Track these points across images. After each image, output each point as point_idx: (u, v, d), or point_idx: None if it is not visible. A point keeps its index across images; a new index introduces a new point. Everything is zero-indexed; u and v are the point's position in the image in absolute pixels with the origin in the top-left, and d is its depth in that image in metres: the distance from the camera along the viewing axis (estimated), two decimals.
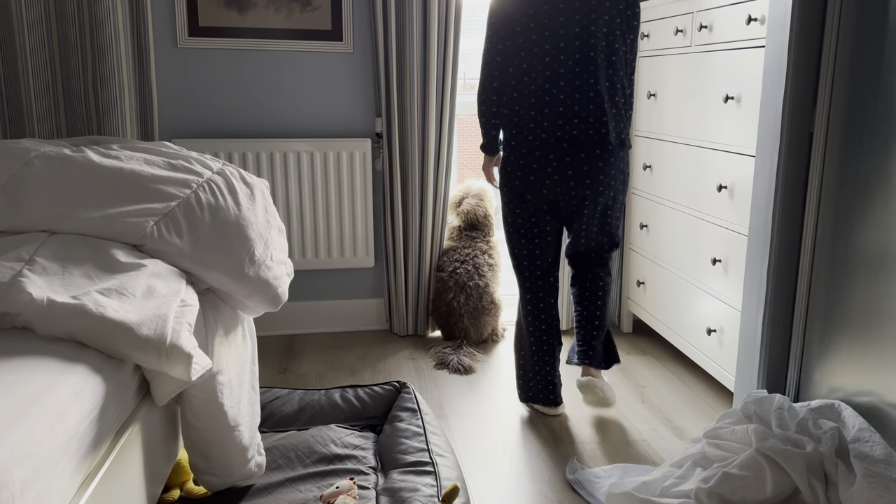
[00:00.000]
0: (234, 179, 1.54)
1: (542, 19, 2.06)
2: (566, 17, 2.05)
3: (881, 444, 1.52)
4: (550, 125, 2.07)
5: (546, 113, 2.08)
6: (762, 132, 1.90)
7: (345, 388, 2.18)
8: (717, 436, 1.74)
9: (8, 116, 2.56)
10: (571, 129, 2.07)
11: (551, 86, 2.07)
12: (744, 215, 2.12)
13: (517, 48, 2.09)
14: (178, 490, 1.70)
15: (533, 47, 2.07)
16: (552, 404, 2.25)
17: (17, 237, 1.32)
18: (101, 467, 1.11)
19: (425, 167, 2.85)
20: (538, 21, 2.06)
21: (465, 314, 2.83)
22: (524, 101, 2.10)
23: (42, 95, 2.56)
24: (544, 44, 2.06)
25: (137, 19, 2.61)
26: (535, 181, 2.11)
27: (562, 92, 2.06)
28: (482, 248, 2.92)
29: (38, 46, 2.53)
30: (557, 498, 1.82)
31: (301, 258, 2.90)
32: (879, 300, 1.63)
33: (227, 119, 2.82)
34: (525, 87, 2.10)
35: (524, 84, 2.10)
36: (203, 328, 1.44)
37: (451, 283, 2.83)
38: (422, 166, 2.87)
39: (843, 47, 1.74)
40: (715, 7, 2.23)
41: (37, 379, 0.99)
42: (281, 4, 2.74)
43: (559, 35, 2.06)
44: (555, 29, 2.06)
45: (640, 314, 2.91)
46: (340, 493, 1.62)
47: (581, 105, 2.06)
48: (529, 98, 2.09)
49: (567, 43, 2.06)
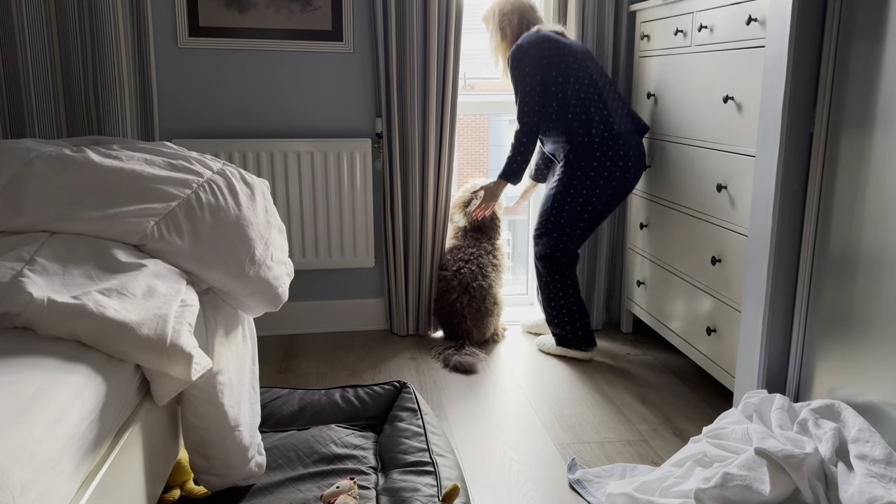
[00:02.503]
0: (234, 179, 1.54)
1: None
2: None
3: (881, 444, 1.52)
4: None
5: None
6: (762, 132, 1.90)
7: (345, 388, 2.18)
8: (718, 436, 1.74)
9: (8, 116, 2.57)
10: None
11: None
12: (744, 215, 2.12)
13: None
14: (179, 490, 1.70)
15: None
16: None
17: (18, 237, 1.32)
18: (101, 467, 1.11)
19: (426, 167, 2.85)
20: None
21: (468, 315, 2.83)
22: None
23: (42, 95, 2.57)
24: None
25: (138, 19, 2.61)
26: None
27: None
28: (487, 249, 2.92)
29: (39, 46, 2.53)
30: (557, 498, 1.82)
31: (301, 258, 2.90)
32: (879, 300, 1.63)
33: (227, 119, 2.82)
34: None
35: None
36: (203, 328, 1.44)
37: (455, 284, 2.83)
38: (422, 166, 2.87)
39: (842, 47, 1.74)
40: (715, 7, 2.23)
41: (37, 379, 0.99)
42: (281, 4, 2.74)
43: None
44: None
45: (639, 314, 2.91)
46: (341, 493, 1.62)
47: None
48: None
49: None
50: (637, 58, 2.85)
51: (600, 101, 2.55)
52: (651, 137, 2.74)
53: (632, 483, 1.73)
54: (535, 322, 3.06)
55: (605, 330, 3.10)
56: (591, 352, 2.76)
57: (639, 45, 2.83)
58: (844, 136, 1.74)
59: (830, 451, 1.55)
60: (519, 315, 3.23)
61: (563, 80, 2.53)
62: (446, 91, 2.80)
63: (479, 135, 4.67)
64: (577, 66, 2.54)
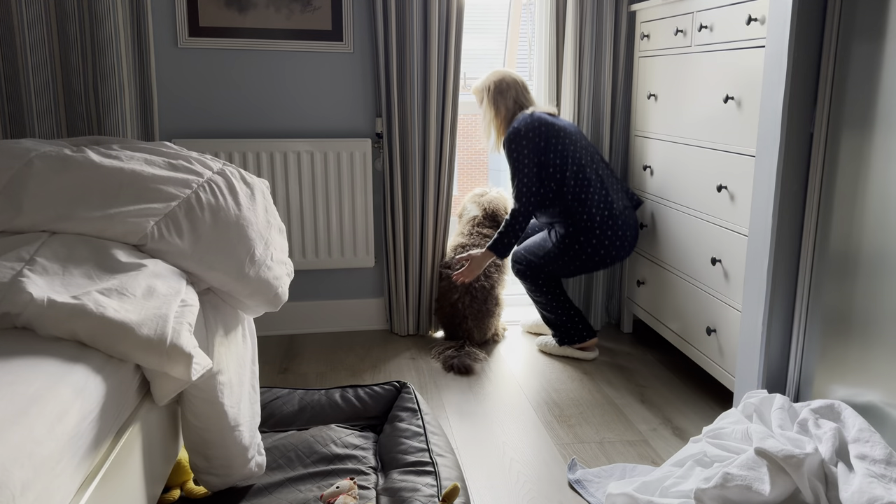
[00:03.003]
0: (234, 179, 1.54)
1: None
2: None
3: (881, 444, 1.52)
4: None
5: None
6: (762, 132, 1.90)
7: (345, 388, 2.18)
8: (718, 435, 1.74)
9: (8, 116, 2.57)
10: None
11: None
12: (744, 215, 2.12)
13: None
14: (179, 490, 1.70)
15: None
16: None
17: (18, 237, 1.32)
18: (101, 467, 1.11)
19: (426, 167, 2.85)
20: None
21: (469, 315, 2.83)
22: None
23: (42, 95, 2.57)
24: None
25: (137, 19, 2.61)
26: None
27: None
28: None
29: (39, 46, 2.53)
30: (557, 498, 1.82)
31: (301, 258, 2.90)
32: (879, 300, 1.63)
33: (227, 119, 2.82)
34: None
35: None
36: (203, 328, 1.44)
37: (458, 284, 2.83)
38: (423, 166, 2.87)
39: (842, 47, 1.74)
40: (715, 7, 2.23)
41: (37, 379, 0.99)
42: (281, 4, 2.74)
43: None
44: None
45: (639, 314, 2.91)
46: (341, 493, 1.62)
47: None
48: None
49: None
50: (637, 58, 2.85)
51: (597, 179, 2.63)
52: (651, 137, 2.74)
53: (632, 483, 1.73)
54: (535, 322, 3.06)
55: (605, 330, 3.10)
56: (594, 352, 2.77)
57: (639, 44, 2.83)
58: (844, 136, 1.74)
59: (830, 451, 1.55)
60: (519, 315, 3.23)
61: (560, 163, 2.61)
62: (447, 91, 2.80)
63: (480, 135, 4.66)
64: (573, 147, 2.63)
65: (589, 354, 2.76)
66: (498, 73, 2.77)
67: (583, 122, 2.93)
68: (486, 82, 2.76)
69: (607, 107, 2.93)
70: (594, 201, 2.59)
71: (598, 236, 2.59)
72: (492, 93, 2.74)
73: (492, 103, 2.75)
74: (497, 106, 2.74)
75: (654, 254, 2.75)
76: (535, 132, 2.61)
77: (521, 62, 3.41)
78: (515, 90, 2.73)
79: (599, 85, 2.93)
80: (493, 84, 2.74)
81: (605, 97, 2.93)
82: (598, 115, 2.95)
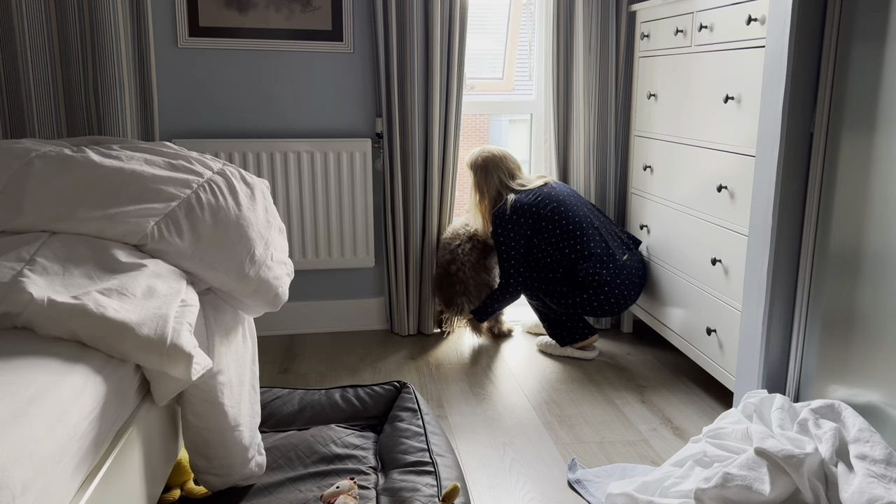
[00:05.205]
0: (234, 179, 1.54)
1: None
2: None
3: (881, 444, 1.52)
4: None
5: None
6: (762, 132, 1.90)
7: (345, 388, 2.18)
8: (718, 435, 1.74)
9: (8, 116, 2.57)
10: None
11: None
12: (744, 215, 2.12)
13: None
14: (179, 490, 1.70)
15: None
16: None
17: (18, 237, 1.32)
18: (101, 467, 1.11)
19: (428, 167, 2.85)
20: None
21: (469, 280, 2.84)
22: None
23: (42, 95, 2.57)
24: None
25: (137, 19, 2.61)
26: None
27: None
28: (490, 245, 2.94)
29: (39, 46, 2.53)
30: (557, 498, 1.82)
31: (301, 258, 2.90)
32: (879, 300, 1.63)
33: (227, 119, 2.82)
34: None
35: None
36: (203, 328, 1.44)
37: (459, 253, 2.84)
38: (424, 166, 2.87)
39: (842, 47, 1.74)
40: (715, 7, 2.23)
41: (37, 379, 0.99)
42: (281, 4, 2.74)
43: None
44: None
45: (639, 314, 2.91)
46: (341, 493, 1.62)
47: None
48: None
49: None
50: (637, 58, 2.85)
51: (596, 234, 2.67)
52: (651, 137, 2.74)
53: (632, 483, 1.73)
54: (536, 322, 3.06)
55: (605, 330, 3.10)
56: (594, 351, 2.77)
57: (639, 44, 2.83)
58: (844, 136, 1.74)
59: (830, 451, 1.55)
60: (519, 315, 3.23)
61: (552, 238, 2.66)
62: (451, 91, 2.80)
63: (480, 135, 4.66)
64: (570, 213, 2.67)
65: (589, 354, 2.76)
66: (483, 152, 2.82)
67: (583, 122, 2.93)
68: (474, 163, 2.81)
69: (607, 107, 2.93)
70: (598, 256, 2.63)
71: (610, 285, 2.62)
72: (476, 177, 2.81)
73: (476, 187, 2.82)
74: (482, 190, 2.81)
75: (654, 253, 2.75)
76: (522, 215, 2.67)
77: (521, 62, 3.41)
78: (498, 172, 2.78)
79: (599, 85, 2.92)
80: (479, 168, 2.80)
81: (605, 97, 2.93)
82: (597, 115, 2.95)
